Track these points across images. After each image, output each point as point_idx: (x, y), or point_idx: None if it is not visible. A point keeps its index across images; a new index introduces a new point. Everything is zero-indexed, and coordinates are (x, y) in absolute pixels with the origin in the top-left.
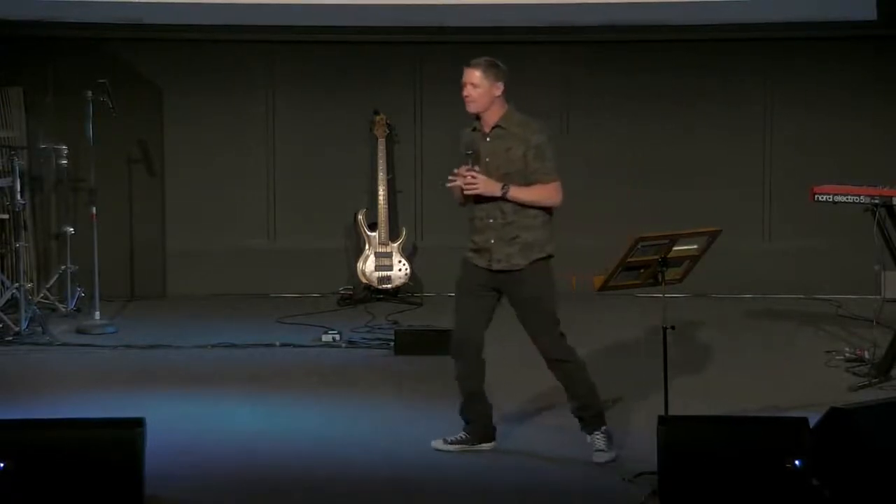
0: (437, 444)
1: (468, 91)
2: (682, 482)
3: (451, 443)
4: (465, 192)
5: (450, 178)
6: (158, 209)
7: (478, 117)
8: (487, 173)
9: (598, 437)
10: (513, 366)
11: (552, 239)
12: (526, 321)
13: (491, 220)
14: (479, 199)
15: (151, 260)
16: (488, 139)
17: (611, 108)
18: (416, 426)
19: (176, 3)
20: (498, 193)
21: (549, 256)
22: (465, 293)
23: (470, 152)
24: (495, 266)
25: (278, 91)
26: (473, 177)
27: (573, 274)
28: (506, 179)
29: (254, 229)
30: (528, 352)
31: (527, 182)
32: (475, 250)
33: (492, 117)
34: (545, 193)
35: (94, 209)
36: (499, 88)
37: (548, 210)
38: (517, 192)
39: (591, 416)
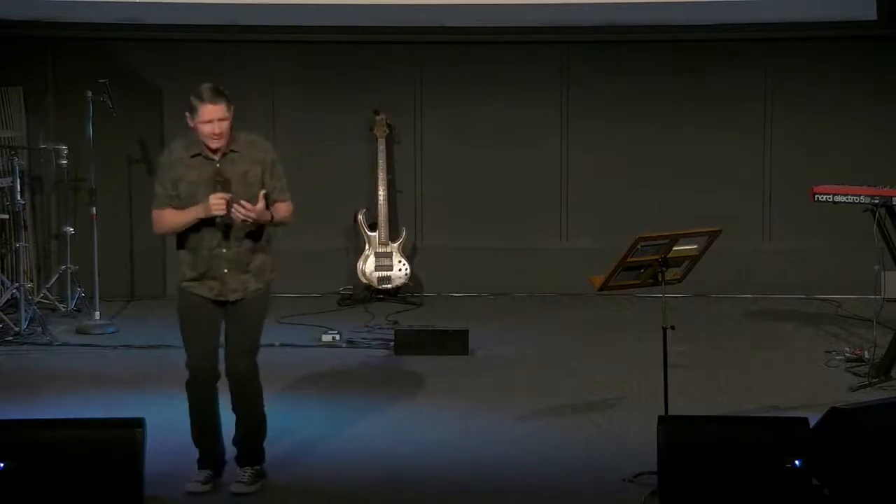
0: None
1: (220, 128)
2: (682, 482)
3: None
4: (242, 221)
5: (237, 207)
6: None
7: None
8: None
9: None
10: (513, 366)
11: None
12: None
13: (224, 250)
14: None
15: (151, 260)
16: (218, 164)
17: (610, 108)
18: (416, 426)
19: (176, 3)
20: (268, 218)
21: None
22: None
23: (220, 179)
24: (232, 297)
25: (278, 91)
26: (247, 207)
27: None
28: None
29: None
30: (527, 352)
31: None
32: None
33: (223, 146)
34: (289, 211)
35: (94, 209)
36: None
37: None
38: (276, 214)
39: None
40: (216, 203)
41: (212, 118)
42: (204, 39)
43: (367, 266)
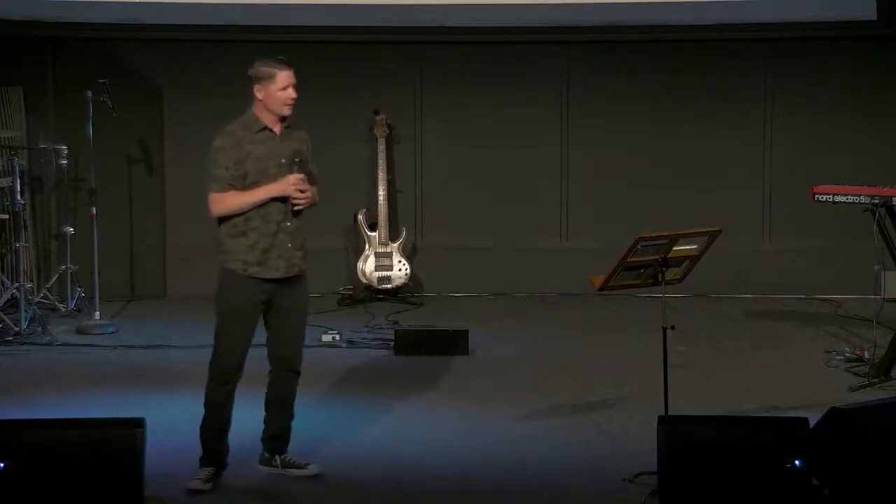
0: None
1: (295, 94)
2: (682, 482)
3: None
4: (299, 206)
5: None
6: (158, 209)
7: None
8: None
9: (291, 454)
10: (513, 366)
11: None
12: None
13: (288, 224)
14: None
15: (151, 260)
16: (280, 139)
17: (610, 108)
18: (416, 426)
19: (176, 3)
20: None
21: None
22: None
23: (299, 160)
24: (292, 272)
25: None
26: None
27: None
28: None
29: None
30: (527, 352)
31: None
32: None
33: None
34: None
35: (94, 209)
36: None
37: None
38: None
39: (288, 437)
40: (297, 184)
41: (289, 83)
42: (204, 39)
43: (367, 266)
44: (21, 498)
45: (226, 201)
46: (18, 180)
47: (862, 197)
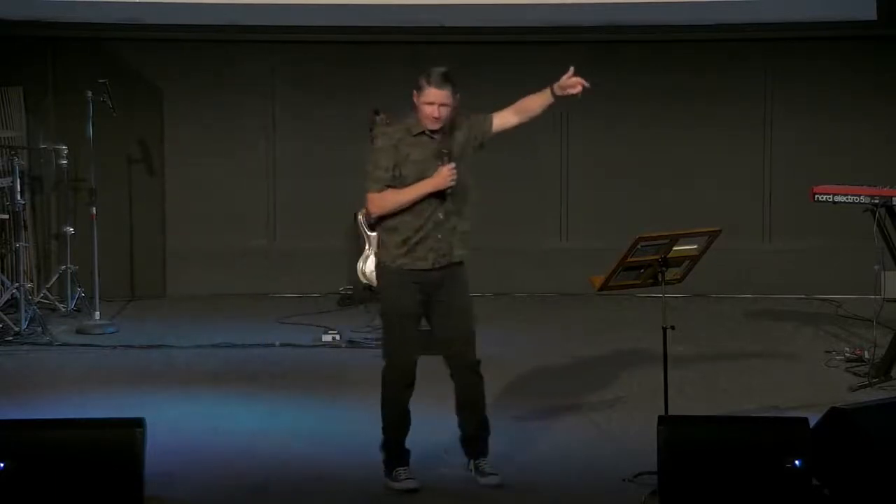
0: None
1: (440, 113)
2: (682, 482)
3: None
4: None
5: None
6: (158, 209)
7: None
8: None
9: (485, 462)
10: (513, 366)
11: None
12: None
13: (441, 216)
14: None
15: (151, 260)
16: (439, 142)
17: (610, 108)
18: (415, 426)
19: (176, 3)
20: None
21: None
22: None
23: (446, 151)
24: (442, 261)
25: (278, 91)
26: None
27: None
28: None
29: (254, 229)
30: (527, 352)
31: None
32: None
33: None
34: None
35: (94, 209)
36: (457, 101)
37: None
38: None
39: (487, 437)
40: (450, 174)
41: (434, 101)
42: (204, 39)
43: (367, 266)
44: (21, 498)
45: (384, 200)
46: (18, 180)
47: (862, 197)
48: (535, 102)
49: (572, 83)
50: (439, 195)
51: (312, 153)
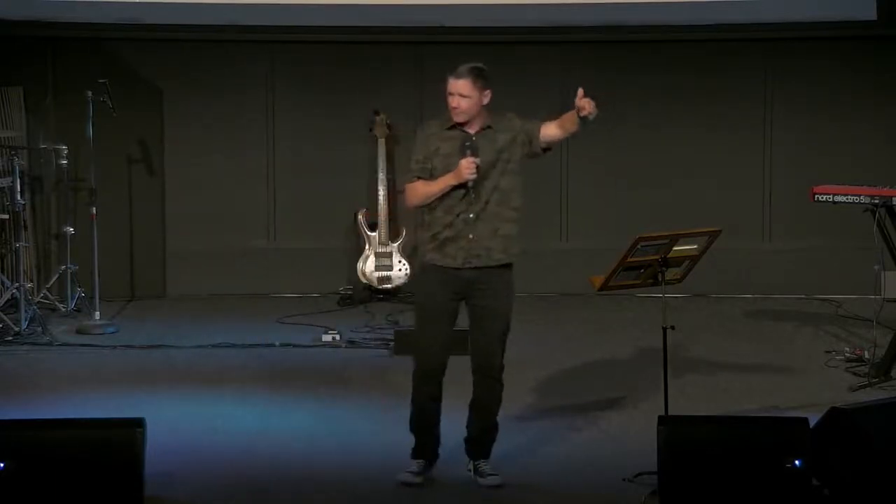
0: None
1: (457, 103)
2: (682, 482)
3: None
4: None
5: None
6: (158, 209)
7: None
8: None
9: (485, 464)
10: (513, 366)
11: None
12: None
13: (471, 215)
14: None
15: (151, 260)
16: (475, 138)
17: (610, 108)
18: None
19: (176, 3)
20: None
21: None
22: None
23: (469, 144)
24: (475, 262)
25: (278, 91)
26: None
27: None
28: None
29: (254, 229)
30: (527, 352)
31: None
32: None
33: (478, 122)
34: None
35: (94, 209)
36: (487, 96)
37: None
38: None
39: (491, 442)
40: (468, 167)
41: (452, 91)
42: (204, 39)
43: (367, 266)
44: (21, 498)
45: (414, 191)
46: (18, 180)
47: (862, 197)
48: (570, 120)
49: (581, 105)
50: (468, 193)
51: (312, 153)
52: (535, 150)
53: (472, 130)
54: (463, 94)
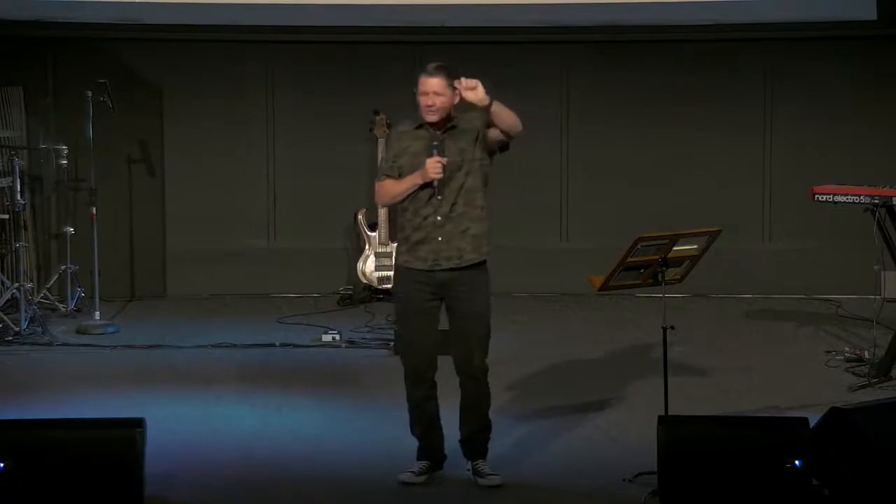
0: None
1: (432, 101)
2: (682, 482)
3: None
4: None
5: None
6: (158, 209)
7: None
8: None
9: (483, 464)
10: (513, 366)
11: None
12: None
13: (439, 217)
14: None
15: (151, 260)
16: (443, 138)
17: (610, 108)
18: None
19: (176, 3)
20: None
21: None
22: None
23: (436, 143)
24: (445, 265)
25: (278, 91)
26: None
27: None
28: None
29: (254, 229)
30: (527, 352)
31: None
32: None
33: (446, 122)
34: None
35: (94, 209)
36: (458, 95)
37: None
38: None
39: (485, 441)
40: (433, 166)
41: (426, 90)
42: (204, 39)
43: (367, 266)
44: (21, 498)
45: (383, 189)
46: (18, 180)
47: (862, 197)
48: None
49: (464, 94)
50: (434, 194)
51: (312, 153)
52: (493, 149)
53: (440, 130)
54: (437, 92)
